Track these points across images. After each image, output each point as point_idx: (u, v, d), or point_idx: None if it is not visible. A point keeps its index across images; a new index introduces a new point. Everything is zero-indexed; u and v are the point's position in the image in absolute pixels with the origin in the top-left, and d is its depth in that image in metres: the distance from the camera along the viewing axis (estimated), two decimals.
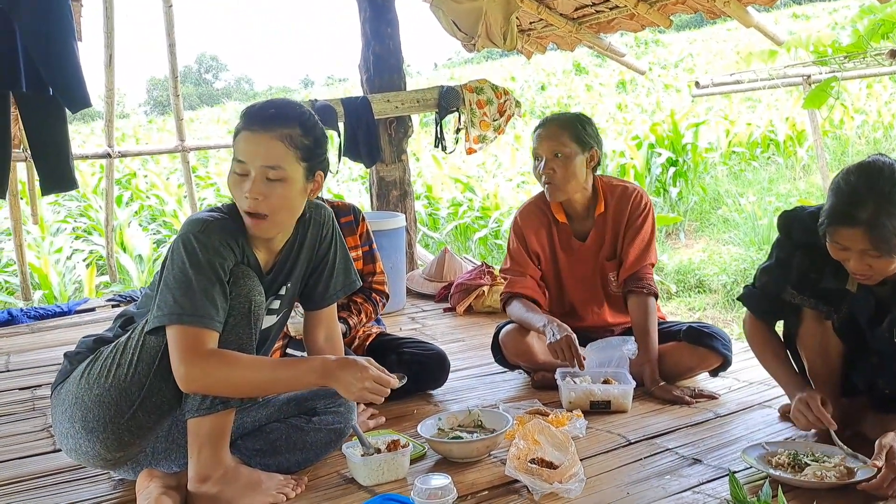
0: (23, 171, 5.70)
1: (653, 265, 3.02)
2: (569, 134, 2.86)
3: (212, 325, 1.89)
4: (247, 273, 1.99)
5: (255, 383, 1.97)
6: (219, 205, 2.11)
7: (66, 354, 2.13)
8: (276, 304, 2.19)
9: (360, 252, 3.11)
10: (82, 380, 1.99)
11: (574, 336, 2.74)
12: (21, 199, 5.91)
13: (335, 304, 2.39)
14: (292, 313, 2.82)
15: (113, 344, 2.01)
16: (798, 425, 2.24)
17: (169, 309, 1.88)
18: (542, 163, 2.89)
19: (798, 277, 2.24)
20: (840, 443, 2.10)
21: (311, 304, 2.35)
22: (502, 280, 3.25)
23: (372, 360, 2.01)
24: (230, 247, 1.97)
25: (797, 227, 2.25)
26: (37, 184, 5.20)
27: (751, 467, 2.07)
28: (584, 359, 2.76)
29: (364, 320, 3.05)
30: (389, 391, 2.00)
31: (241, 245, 2.00)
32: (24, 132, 4.18)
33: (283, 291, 2.20)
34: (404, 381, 2.08)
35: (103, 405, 1.95)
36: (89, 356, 2.04)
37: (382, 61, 5.14)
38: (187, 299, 1.87)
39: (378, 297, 3.12)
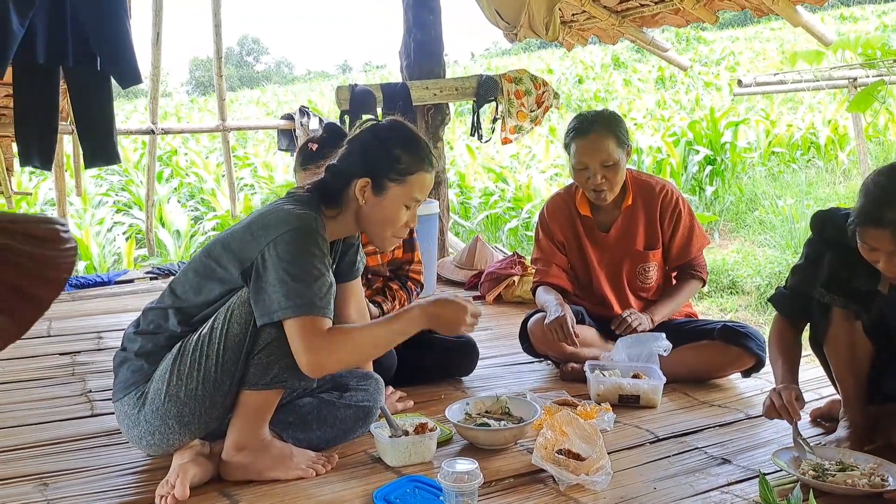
0: (68, 145, 5.81)
1: (703, 248, 3.14)
2: (613, 141, 2.87)
3: (326, 310, 1.97)
4: None
5: (375, 344, 2.10)
6: (292, 195, 2.17)
7: (136, 354, 2.11)
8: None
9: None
10: (172, 378, 2.01)
11: (568, 316, 2.82)
12: (65, 171, 6.02)
13: (359, 278, 2.49)
14: None
15: (196, 338, 2.03)
16: (764, 411, 2.26)
17: (282, 305, 1.93)
18: (592, 173, 2.88)
19: (829, 276, 2.22)
20: (802, 438, 2.13)
21: (341, 276, 2.41)
22: (534, 270, 3.28)
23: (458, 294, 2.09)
24: (325, 239, 2.07)
25: (830, 226, 2.23)
26: (81, 157, 5.30)
27: (781, 470, 2.06)
28: (578, 336, 2.82)
29: (397, 306, 3.08)
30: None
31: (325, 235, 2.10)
32: (70, 106, 4.27)
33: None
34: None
35: (198, 398, 2.01)
36: (166, 353, 2.07)
37: (423, 48, 5.15)
38: (302, 292, 1.94)
39: (413, 286, 3.17)
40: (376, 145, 2.16)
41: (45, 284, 0.73)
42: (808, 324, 2.41)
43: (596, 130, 2.87)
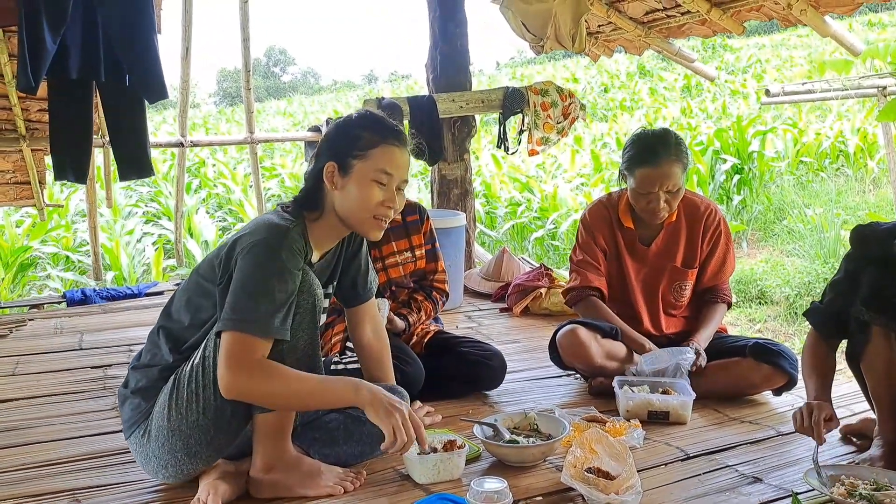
0: (98, 156, 5.89)
1: (732, 273, 3.16)
2: (680, 168, 2.83)
3: (267, 332, 1.91)
4: (306, 269, 2.06)
5: (301, 394, 1.98)
6: (280, 205, 2.17)
7: (133, 392, 2.12)
8: (326, 303, 2.27)
9: (423, 251, 3.15)
10: (171, 412, 2.01)
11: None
12: (96, 182, 6.10)
13: (374, 298, 2.48)
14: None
15: (189, 369, 2.02)
16: (794, 424, 2.24)
17: (226, 315, 1.92)
18: (655, 198, 2.84)
19: (869, 293, 2.18)
20: (819, 465, 2.08)
21: (354, 299, 2.43)
22: (573, 271, 3.20)
23: (411, 410, 2.01)
24: (302, 252, 2.04)
25: (871, 241, 2.19)
26: (113, 168, 5.38)
27: (813, 489, 2.03)
28: (641, 363, 2.84)
29: (423, 318, 3.09)
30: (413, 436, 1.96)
31: (307, 248, 2.09)
32: (103, 120, 4.32)
33: (330, 290, 2.32)
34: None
35: (202, 428, 2.01)
36: (161, 386, 2.07)
37: (449, 61, 5.16)
38: (245, 307, 1.91)
39: (438, 296, 3.16)
40: (338, 131, 2.18)
41: None
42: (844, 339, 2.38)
43: (666, 159, 2.80)
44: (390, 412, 1.93)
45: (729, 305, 3.13)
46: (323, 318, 2.25)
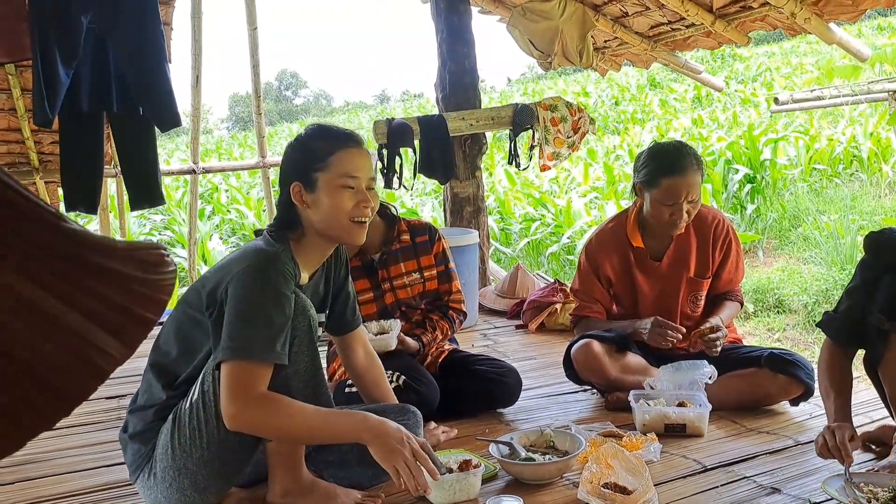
0: (112, 185, 5.96)
1: (742, 280, 3.23)
2: (700, 176, 2.89)
3: (267, 357, 1.90)
4: (298, 292, 2.05)
5: (304, 427, 1.94)
6: (265, 232, 2.15)
7: (131, 437, 2.10)
8: (321, 318, 2.29)
9: (434, 272, 3.11)
10: (175, 451, 1.98)
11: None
12: (109, 212, 6.17)
13: (362, 324, 2.51)
14: (364, 330, 2.89)
15: (189, 406, 1.99)
16: (816, 448, 2.21)
17: (224, 345, 1.89)
18: (678, 209, 2.87)
19: (888, 301, 2.16)
20: (853, 482, 2.02)
21: (345, 327, 2.45)
22: (572, 298, 3.30)
23: (426, 443, 1.97)
24: (293, 275, 2.03)
25: (886, 247, 2.18)
26: (126, 198, 5.44)
27: (832, 499, 2.02)
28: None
29: (440, 337, 3.08)
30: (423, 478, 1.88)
31: (296, 271, 2.08)
32: (115, 150, 4.38)
33: (322, 318, 2.32)
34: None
35: (208, 463, 1.98)
36: (158, 427, 2.05)
37: (458, 80, 5.20)
38: (243, 335, 1.89)
39: (455, 315, 3.14)
40: (293, 152, 2.18)
41: (152, 305, 0.79)
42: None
43: (689, 167, 2.84)
44: (395, 452, 1.88)
45: (741, 304, 3.20)
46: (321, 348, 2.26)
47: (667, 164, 2.87)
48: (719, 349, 2.89)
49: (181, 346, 2.08)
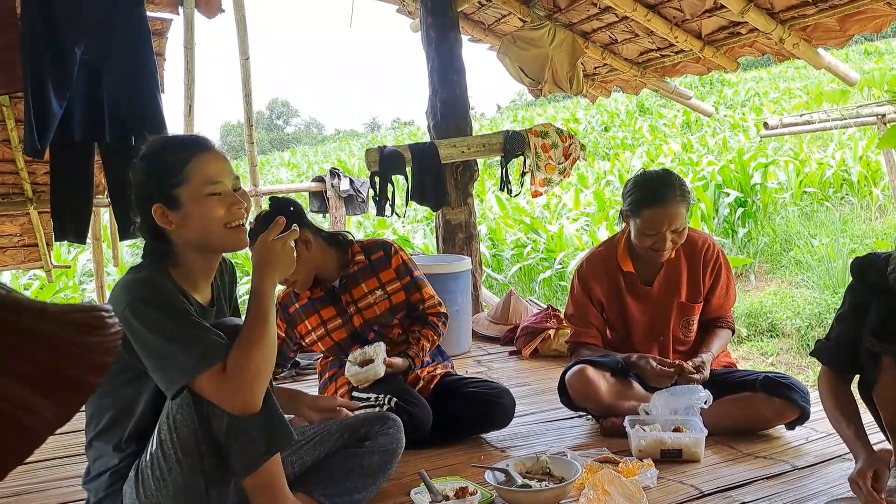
0: (105, 215, 5.95)
1: (732, 305, 3.22)
2: (685, 206, 2.89)
3: (215, 355, 1.85)
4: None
5: (256, 335, 1.89)
6: (133, 267, 2.06)
7: None
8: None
9: (398, 284, 3.08)
10: None
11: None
12: (102, 242, 6.16)
13: None
14: (348, 363, 2.87)
15: (149, 459, 1.91)
16: (852, 488, 2.13)
17: (177, 374, 1.84)
18: (661, 238, 2.87)
19: (878, 324, 2.17)
20: None
21: None
22: (567, 324, 3.30)
23: None
24: (175, 290, 1.96)
25: (872, 272, 2.18)
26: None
27: None
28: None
29: (427, 346, 3.05)
30: None
31: (176, 290, 1.98)
32: (106, 180, 4.38)
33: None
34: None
35: None
36: (116, 490, 1.97)
37: (449, 107, 5.23)
38: (187, 352, 1.84)
39: (435, 319, 3.11)
40: (143, 175, 2.01)
41: (93, 369, 0.77)
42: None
43: (672, 198, 2.84)
44: (286, 253, 1.95)
45: (733, 332, 3.19)
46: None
47: (648, 195, 2.88)
48: (706, 373, 2.90)
49: (116, 406, 1.98)
